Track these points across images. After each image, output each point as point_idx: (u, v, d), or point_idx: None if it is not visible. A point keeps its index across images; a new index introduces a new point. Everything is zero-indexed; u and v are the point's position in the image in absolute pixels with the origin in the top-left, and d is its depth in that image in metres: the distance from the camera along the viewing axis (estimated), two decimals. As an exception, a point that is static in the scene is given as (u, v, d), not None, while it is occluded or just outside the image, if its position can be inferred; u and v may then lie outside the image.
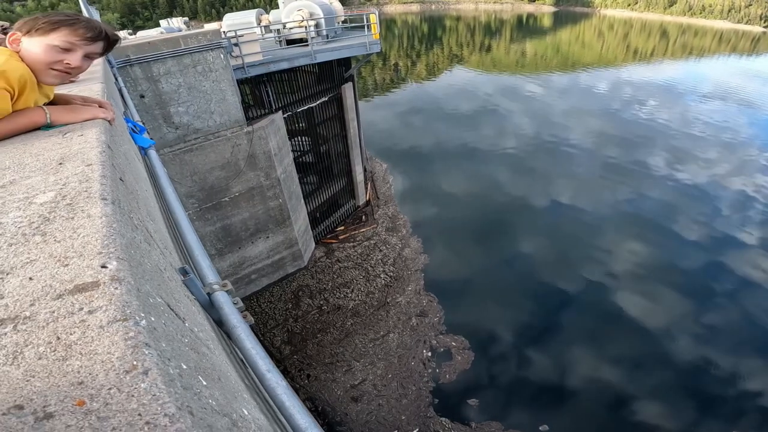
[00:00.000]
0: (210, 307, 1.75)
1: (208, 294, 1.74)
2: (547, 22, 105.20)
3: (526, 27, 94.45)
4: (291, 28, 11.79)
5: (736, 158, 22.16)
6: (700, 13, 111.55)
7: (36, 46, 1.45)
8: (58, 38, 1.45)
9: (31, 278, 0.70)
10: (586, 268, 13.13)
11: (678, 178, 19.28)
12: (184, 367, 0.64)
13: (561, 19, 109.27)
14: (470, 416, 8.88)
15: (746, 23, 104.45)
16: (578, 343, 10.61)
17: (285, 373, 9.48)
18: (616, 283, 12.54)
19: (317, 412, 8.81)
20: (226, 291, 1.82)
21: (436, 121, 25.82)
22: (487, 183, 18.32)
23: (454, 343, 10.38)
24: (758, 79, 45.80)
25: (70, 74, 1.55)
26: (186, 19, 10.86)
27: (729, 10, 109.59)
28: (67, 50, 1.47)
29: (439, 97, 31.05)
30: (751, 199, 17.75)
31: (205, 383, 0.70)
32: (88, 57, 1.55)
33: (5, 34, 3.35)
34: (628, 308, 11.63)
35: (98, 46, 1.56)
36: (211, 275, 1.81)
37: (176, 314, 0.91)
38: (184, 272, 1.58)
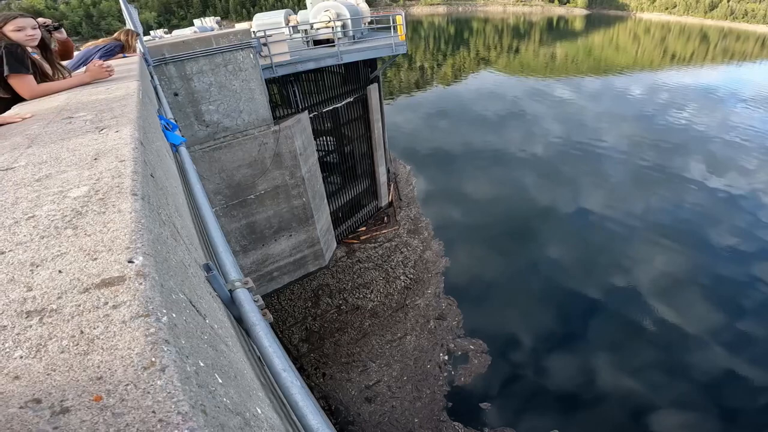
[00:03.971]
0: (231, 304, 1.76)
1: (230, 291, 1.76)
2: (578, 24, 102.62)
3: (556, 30, 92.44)
4: (318, 29, 11.93)
5: (779, 168, 20.92)
6: (743, 18, 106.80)
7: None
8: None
9: (60, 271, 0.72)
10: (613, 276, 12.71)
11: (714, 187, 18.37)
12: (201, 364, 0.64)
13: (593, 22, 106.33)
14: (484, 421, 8.75)
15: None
16: (599, 351, 10.33)
17: (301, 370, 9.56)
18: (643, 292, 12.09)
19: (330, 410, 8.84)
20: (248, 288, 1.83)
21: (461, 123, 25.58)
22: (512, 187, 18.00)
23: (471, 347, 10.25)
24: (807, 85, 43.09)
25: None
26: (218, 18, 11.19)
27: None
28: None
29: (465, 100, 30.75)
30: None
31: (220, 381, 0.70)
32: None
33: (50, 32, 3.53)
34: (655, 317, 11.24)
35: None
36: (233, 272, 1.82)
37: (197, 311, 0.92)
38: (207, 268, 1.60)
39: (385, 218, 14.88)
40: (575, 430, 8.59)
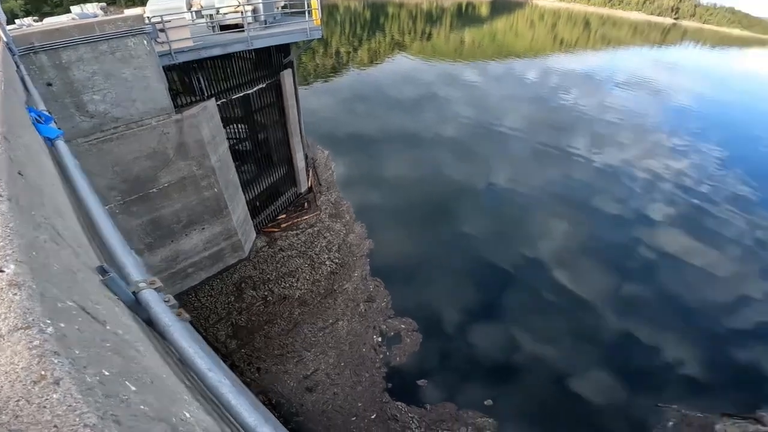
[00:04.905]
0: (137, 307, 1.65)
1: (134, 293, 1.64)
2: (484, 10, 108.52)
3: (465, 15, 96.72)
4: (226, 14, 11.10)
5: (648, 142, 24.67)
6: (619, 5, 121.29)
7: None
8: None
9: None
10: (523, 247, 14.01)
11: (598, 161, 21.10)
12: (106, 373, 0.62)
13: (497, 8, 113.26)
14: (424, 398, 9.14)
15: (658, 15, 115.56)
16: (518, 320, 11.24)
17: (233, 367, 9.17)
18: (549, 261, 13.48)
19: (271, 404, 8.64)
20: (155, 288, 1.72)
21: (377, 107, 25.84)
22: (428, 167, 18.76)
23: (403, 326, 10.59)
24: (666, 69, 51.17)
25: None
26: (103, 4, 9.79)
27: (644, 2, 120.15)
28: None
29: (381, 84, 31.04)
30: (661, 179, 19.94)
31: (134, 388, 0.68)
32: None
33: None
34: (561, 284, 12.54)
35: None
36: (136, 273, 1.71)
37: (94, 318, 0.87)
38: (102, 271, 1.49)
39: (306, 204, 14.66)
40: (506, 399, 9.27)
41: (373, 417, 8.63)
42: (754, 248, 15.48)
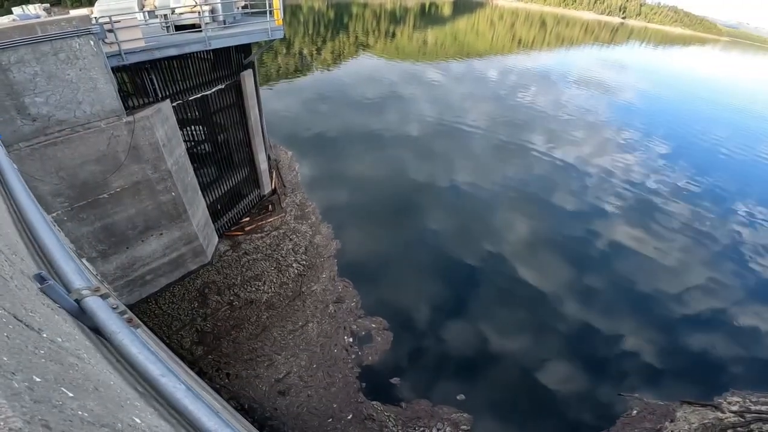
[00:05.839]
0: (81, 315, 1.66)
1: (77, 300, 1.65)
2: (447, 10, 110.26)
3: (428, 15, 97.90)
4: (181, 14, 10.74)
5: (599, 138, 25.98)
6: (572, 4, 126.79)
7: None
8: None
9: None
10: (485, 242, 14.40)
11: (554, 156, 22.01)
12: (38, 379, 0.64)
13: (459, 8, 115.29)
14: (399, 396, 9.21)
15: (608, 14, 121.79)
16: (485, 314, 11.51)
17: (201, 374, 8.94)
18: (511, 255, 13.92)
19: (244, 409, 8.49)
20: (100, 295, 1.72)
21: (341, 107, 25.78)
22: (392, 166, 18.94)
23: (373, 325, 10.64)
24: (615, 68, 53.95)
25: None
26: (47, 5, 9.25)
27: (594, 2, 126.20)
28: None
29: (345, 84, 30.96)
30: (613, 173, 21.04)
31: (71, 395, 0.70)
32: None
33: None
34: (524, 277, 12.95)
35: None
36: (78, 280, 1.71)
37: (26, 325, 0.89)
38: (41, 279, 1.50)
39: (270, 206, 14.45)
40: (477, 393, 9.47)
41: (349, 417, 8.63)
42: (702, 237, 16.56)
